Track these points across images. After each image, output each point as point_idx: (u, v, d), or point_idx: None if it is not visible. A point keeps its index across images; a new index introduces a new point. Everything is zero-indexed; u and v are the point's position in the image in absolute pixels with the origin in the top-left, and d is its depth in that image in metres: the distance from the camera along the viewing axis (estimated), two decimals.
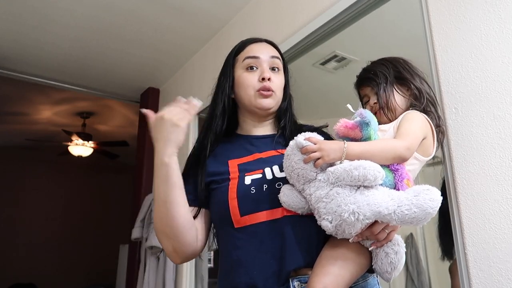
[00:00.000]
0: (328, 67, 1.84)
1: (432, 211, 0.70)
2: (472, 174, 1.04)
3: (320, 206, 0.78)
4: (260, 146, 0.98)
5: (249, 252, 0.86)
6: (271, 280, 0.82)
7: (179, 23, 2.38)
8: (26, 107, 4.12)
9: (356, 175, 0.73)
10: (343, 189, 0.76)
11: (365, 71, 1.08)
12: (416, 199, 0.71)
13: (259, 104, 0.97)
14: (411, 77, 1.02)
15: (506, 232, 0.95)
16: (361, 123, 0.82)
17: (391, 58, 1.07)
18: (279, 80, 1.00)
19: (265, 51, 1.01)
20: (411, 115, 0.94)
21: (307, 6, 1.74)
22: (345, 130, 0.83)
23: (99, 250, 5.83)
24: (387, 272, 0.80)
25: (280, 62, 1.02)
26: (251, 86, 0.97)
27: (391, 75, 1.02)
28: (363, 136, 0.82)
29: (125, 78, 3.10)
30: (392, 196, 0.74)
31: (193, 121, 2.61)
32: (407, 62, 1.06)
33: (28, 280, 5.20)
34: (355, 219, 0.74)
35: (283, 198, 0.85)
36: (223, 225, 0.92)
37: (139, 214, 2.71)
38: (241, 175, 0.92)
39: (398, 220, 0.71)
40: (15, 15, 2.27)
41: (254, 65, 0.99)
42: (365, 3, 1.44)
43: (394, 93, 1.00)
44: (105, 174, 6.21)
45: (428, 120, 0.96)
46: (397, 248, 0.80)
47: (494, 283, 0.96)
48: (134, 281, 2.79)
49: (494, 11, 1.05)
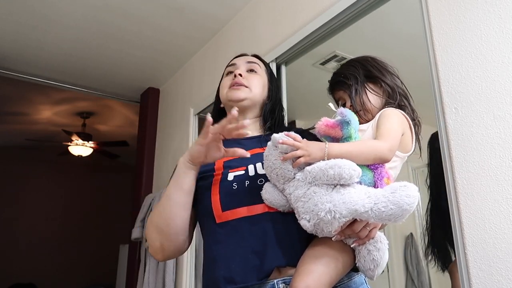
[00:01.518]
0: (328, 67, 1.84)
1: (409, 207, 0.70)
2: (472, 174, 1.04)
3: (299, 205, 0.79)
4: (248, 145, 0.99)
5: (229, 246, 0.87)
6: (250, 274, 0.83)
7: (179, 23, 2.38)
8: (26, 107, 4.12)
9: (332, 174, 0.74)
10: (320, 188, 0.77)
11: (335, 75, 1.08)
12: (393, 196, 0.70)
13: (229, 96, 1.04)
14: (381, 75, 1.01)
15: (506, 232, 0.95)
16: (341, 122, 0.82)
17: (359, 58, 1.07)
18: (255, 78, 1.07)
19: (243, 59, 1.11)
20: (387, 112, 0.93)
21: (307, 6, 1.74)
22: (326, 129, 0.84)
23: (99, 250, 5.83)
24: (370, 269, 0.80)
25: (259, 66, 1.10)
26: (225, 86, 1.07)
27: (360, 75, 1.01)
28: (344, 135, 0.83)
29: (125, 78, 3.10)
30: (369, 193, 0.74)
31: (193, 121, 2.62)
32: (375, 59, 1.05)
33: (28, 280, 5.20)
34: (331, 217, 0.74)
35: (265, 195, 0.86)
36: (206, 220, 0.93)
37: (139, 214, 2.71)
38: (225, 171, 0.94)
39: (375, 217, 0.71)
40: (15, 15, 2.27)
41: (232, 70, 1.08)
42: (365, 3, 1.44)
43: (367, 93, 0.99)
44: (105, 174, 6.21)
45: (405, 115, 0.95)
46: (379, 245, 0.81)
47: (494, 283, 0.96)
48: (134, 281, 2.79)
49: (494, 11, 1.05)
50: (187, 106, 2.70)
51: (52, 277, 5.48)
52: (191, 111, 2.63)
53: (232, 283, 0.83)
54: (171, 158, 2.82)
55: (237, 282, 0.82)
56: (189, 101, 2.70)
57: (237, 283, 0.82)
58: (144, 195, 2.90)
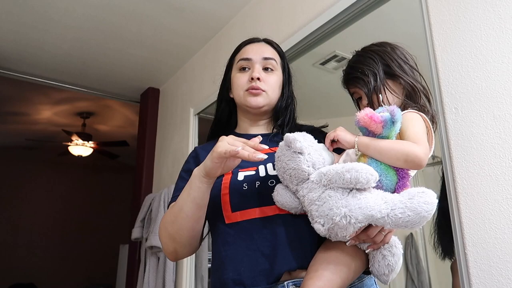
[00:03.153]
0: (328, 67, 1.84)
1: (427, 214, 0.67)
2: (472, 174, 1.04)
3: (313, 209, 0.77)
4: None
5: (238, 248, 0.85)
6: (259, 277, 0.81)
7: (179, 23, 2.38)
8: (26, 107, 4.12)
9: (348, 177, 0.71)
10: (335, 192, 0.74)
11: (351, 69, 0.99)
12: (410, 202, 0.68)
13: (248, 102, 0.99)
14: (402, 72, 0.93)
15: (506, 232, 0.95)
16: (388, 120, 0.77)
17: (378, 49, 0.98)
18: (272, 80, 1.01)
19: (259, 52, 1.02)
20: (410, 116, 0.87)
21: (307, 6, 1.74)
22: (368, 120, 0.78)
23: (99, 250, 5.84)
24: (384, 274, 0.79)
25: (275, 62, 1.03)
26: (241, 86, 1.00)
27: (380, 71, 0.93)
28: (383, 133, 0.78)
29: (125, 78, 3.10)
30: (385, 199, 0.72)
31: (193, 121, 2.62)
32: (395, 49, 0.97)
33: (28, 280, 5.20)
34: (347, 222, 0.72)
35: (277, 197, 0.84)
36: (215, 221, 0.92)
37: (139, 214, 2.71)
38: (235, 170, 0.91)
39: (391, 223, 0.69)
40: (15, 15, 2.27)
41: (246, 66, 1.01)
42: (365, 3, 1.44)
43: (386, 93, 0.92)
44: (105, 174, 6.22)
45: (426, 119, 0.89)
46: (394, 250, 0.79)
47: (494, 283, 0.96)
48: (134, 281, 2.79)
49: (494, 11, 1.05)
50: (187, 106, 2.70)
51: (52, 277, 5.48)
52: (191, 111, 2.63)
53: (242, 285, 0.82)
54: (171, 158, 2.82)
55: (246, 286, 0.81)
56: (189, 101, 2.70)
57: (246, 286, 0.81)
58: (144, 195, 2.90)
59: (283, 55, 1.07)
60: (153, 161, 3.10)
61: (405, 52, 0.98)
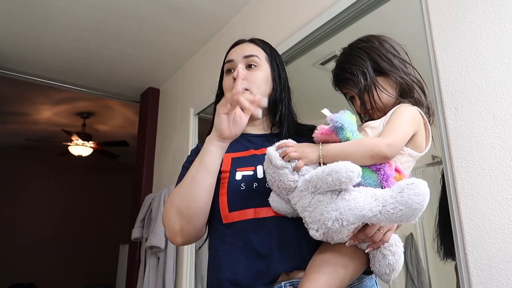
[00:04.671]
0: (328, 67, 1.84)
1: (419, 206, 0.66)
2: (472, 174, 1.04)
3: (306, 215, 0.76)
4: (257, 143, 0.98)
5: (234, 248, 0.85)
6: (255, 278, 0.81)
7: (179, 23, 2.38)
8: (26, 107, 4.12)
9: (331, 180, 0.71)
10: (324, 196, 0.74)
11: (340, 69, 0.97)
12: (401, 196, 0.67)
13: None
14: (392, 68, 0.91)
15: (506, 232, 0.95)
16: (335, 127, 0.79)
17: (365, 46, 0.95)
18: (255, 76, 0.99)
19: (239, 52, 1.03)
20: (401, 109, 0.86)
21: (307, 6, 1.74)
22: (322, 136, 0.81)
23: (99, 250, 5.83)
24: (385, 274, 0.78)
25: (258, 58, 1.01)
26: (228, 88, 1.01)
27: (369, 69, 0.91)
28: (341, 139, 0.80)
29: (125, 78, 3.10)
30: (376, 196, 0.71)
31: (193, 121, 2.62)
32: (382, 43, 0.94)
33: (28, 280, 5.20)
34: (339, 225, 0.71)
35: (273, 203, 0.84)
36: (213, 220, 0.92)
37: (139, 214, 2.72)
38: (233, 169, 0.91)
39: (385, 220, 0.68)
40: (15, 15, 2.27)
41: (230, 68, 1.03)
42: (365, 3, 1.44)
43: (378, 91, 0.90)
44: (105, 174, 6.22)
45: (421, 113, 0.88)
46: (394, 248, 0.78)
47: (494, 283, 0.96)
48: (134, 281, 2.79)
49: (494, 11, 1.05)
50: (187, 106, 2.70)
51: (52, 277, 5.48)
52: (191, 111, 2.63)
53: (238, 285, 0.82)
54: (171, 158, 2.82)
55: (242, 286, 0.81)
56: (189, 101, 2.70)
57: (242, 286, 0.81)
58: (144, 195, 2.90)
59: (269, 50, 1.06)
60: (153, 161, 3.10)
61: (394, 44, 0.96)
